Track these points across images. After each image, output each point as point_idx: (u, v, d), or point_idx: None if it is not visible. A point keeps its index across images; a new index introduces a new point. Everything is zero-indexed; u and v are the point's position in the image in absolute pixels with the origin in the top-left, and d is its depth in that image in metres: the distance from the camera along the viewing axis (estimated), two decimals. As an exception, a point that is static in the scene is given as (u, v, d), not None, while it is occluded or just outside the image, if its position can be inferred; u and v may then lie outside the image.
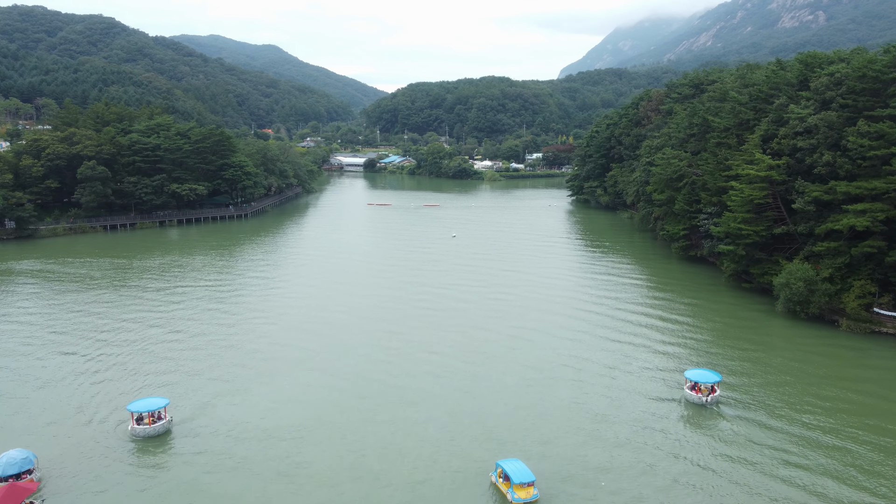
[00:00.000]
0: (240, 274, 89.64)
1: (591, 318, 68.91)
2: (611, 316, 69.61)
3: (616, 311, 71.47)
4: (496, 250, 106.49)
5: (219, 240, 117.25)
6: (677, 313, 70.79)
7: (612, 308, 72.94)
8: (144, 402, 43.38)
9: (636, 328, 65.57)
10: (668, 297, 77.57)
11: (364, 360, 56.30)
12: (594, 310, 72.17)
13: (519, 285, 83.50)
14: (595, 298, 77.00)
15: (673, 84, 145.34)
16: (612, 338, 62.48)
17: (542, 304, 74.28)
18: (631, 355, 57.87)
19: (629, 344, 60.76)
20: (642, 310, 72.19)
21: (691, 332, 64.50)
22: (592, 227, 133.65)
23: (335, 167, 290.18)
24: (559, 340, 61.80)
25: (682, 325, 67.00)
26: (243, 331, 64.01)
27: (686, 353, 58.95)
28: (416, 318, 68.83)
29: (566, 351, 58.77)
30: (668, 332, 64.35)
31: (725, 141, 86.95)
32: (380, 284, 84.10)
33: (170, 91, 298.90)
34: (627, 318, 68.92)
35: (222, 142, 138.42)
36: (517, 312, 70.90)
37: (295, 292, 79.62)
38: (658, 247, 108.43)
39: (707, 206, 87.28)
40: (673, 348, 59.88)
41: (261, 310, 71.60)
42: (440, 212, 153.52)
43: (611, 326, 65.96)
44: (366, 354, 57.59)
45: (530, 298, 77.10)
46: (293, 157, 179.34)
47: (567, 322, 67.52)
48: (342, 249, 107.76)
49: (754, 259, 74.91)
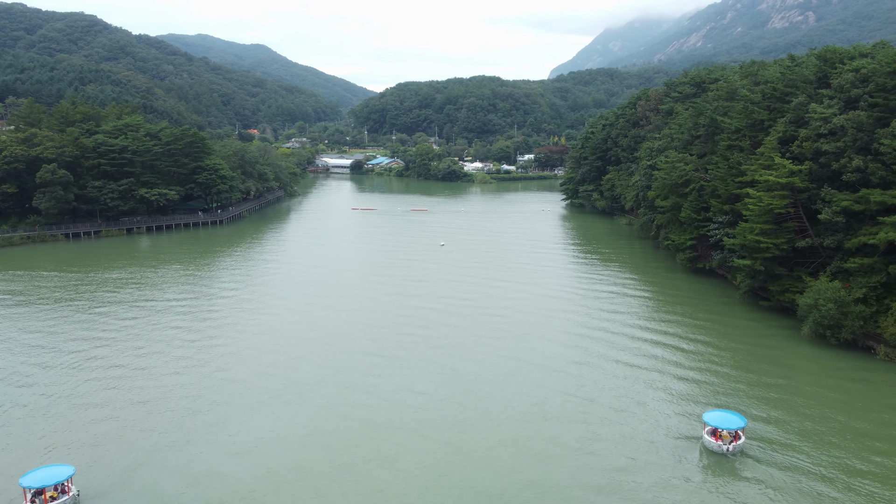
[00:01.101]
0: (207, 288, 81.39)
1: (596, 341, 61.34)
2: (616, 337, 62.04)
3: (621, 332, 63.93)
4: (488, 260, 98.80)
5: (189, 249, 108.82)
6: (690, 335, 63.34)
7: (616, 328, 65.40)
8: (43, 472, 34.49)
9: (645, 353, 58.04)
10: (678, 316, 70.14)
11: (336, 402, 48.26)
12: (598, 329, 64.60)
13: (514, 300, 75.91)
14: (597, 316, 69.45)
15: (672, 83, 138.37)
16: (621, 366, 54.91)
17: (540, 324, 66.64)
18: (642, 389, 50.32)
19: (640, 371, 53.22)
20: (650, 330, 64.68)
21: (707, 359, 57.05)
22: (589, 234, 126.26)
23: (321, 169, 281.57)
24: (562, 371, 54.17)
25: (696, 349, 59.55)
26: (199, 362, 55.85)
27: (703, 385, 51.52)
28: (401, 343, 60.96)
29: (571, 384, 51.08)
30: (681, 359, 56.86)
31: (737, 143, 79.70)
32: (362, 301, 76.18)
33: (149, 90, 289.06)
34: (634, 341, 61.41)
35: (195, 143, 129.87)
36: (513, 334, 63.20)
37: (268, 311, 71.51)
38: (661, 256, 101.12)
39: (718, 214, 79.97)
40: (688, 379, 52.36)
41: (226, 334, 63.43)
42: (428, 217, 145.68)
43: (617, 351, 58.38)
44: (339, 395, 49.55)
45: (527, 316, 69.48)
46: (274, 158, 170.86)
47: (570, 345, 59.90)
48: (323, 260, 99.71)
49: (773, 275, 67.62)
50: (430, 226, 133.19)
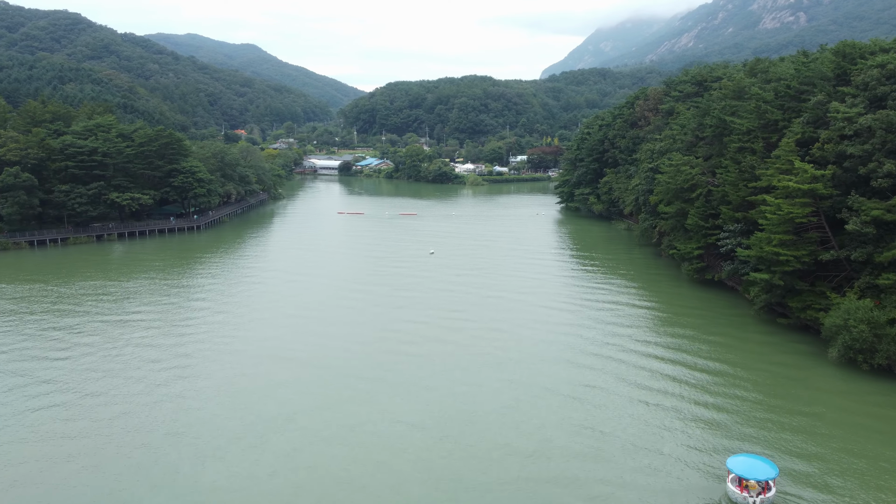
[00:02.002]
0: (178, 301, 74.69)
1: (601, 361, 55.42)
2: (624, 357, 56.07)
3: (629, 351, 58.03)
4: (481, 269, 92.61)
5: (162, 257, 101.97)
6: (703, 355, 57.43)
7: (623, 347, 59.45)
8: None
9: (657, 377, 52.10)
10: (688, 333, 64.23)
11: (306, 446, 41.86)
12: (603, 347, 58.70)
13: (510, 313, 69.88)
14: (601, 332, 63.42)
15: (672, 81, 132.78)
16: (631, 391, 48.94)
17: (540, 341, 60.62)
18: (656, 420, 44.40)
19: (653, 398, 47.28)
20: (660, 349, 58.77)
21: (726, 385, 51.15)
22: (586, 240, 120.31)
23: (308, 170, 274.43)
24: (568, 397, 48.23)
25: (712, 372, 53.64)
26: (155, 391, 49.27)
27: (725, 413, 45.83)
28: (387, 364, 54.74)
29: (578, 422, 44.86)
30: (697, 384, 50.94)
31: (749, 145, 73.93)
32: (346, 315, 69.89)
33: (132, 89, 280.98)
34: (643, 361, 55.59)
35: (171, 144, 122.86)
36: (511, 353, 57.07)
37: (243, 327, 65.00)
38: (664, 265, 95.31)
39: (728, 222, 74.18)
40: (708, 407, 46.50)
41: (192, 354, 56.93)
42: (417, 222, 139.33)
43: (626, 374, 52.40)
44: (311, 435, 43.14)
45: (525, 332, 63.49)
46: (257, 160, 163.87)
47: (573, 366, 53.91)
48: (306, 269, 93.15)
49: (793, 290, 61.83)
50: (420, 231, 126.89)
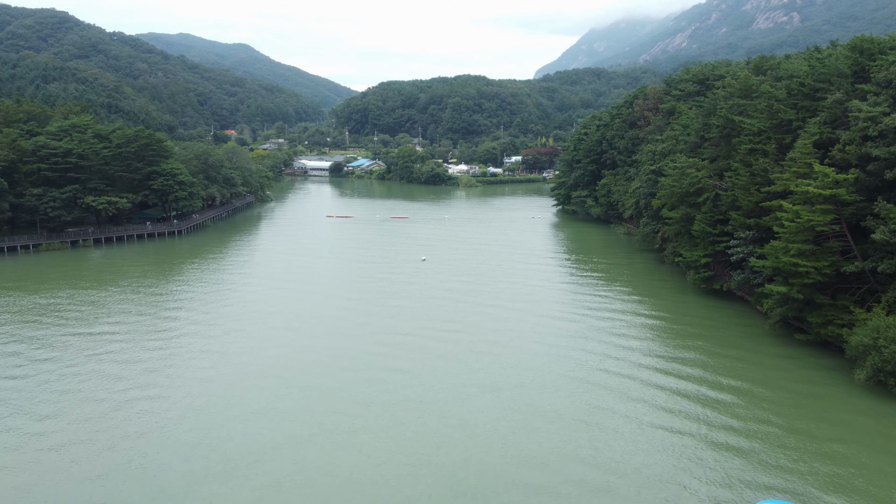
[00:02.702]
0: (151, 314, 69.33)
1: (610, 382, 50.56)
2: (630, 378, 51.18)
3: (639, 369, 53.21)
4: (475, 277, 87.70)
5: (138, 264, 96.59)
6: (716, 376, 52.62)
7: (632, 364, 54.68)
8: None
9: (671, 399, 47.31)
10: (699, 349, 59.45)
11: (270, 500, 36.90)
12: (608, 365, 53.79)
13: (506, 327, 64.94)
14: (605, 350, 58.50)
15: (672, 80, 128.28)
16: (641, 419, 44.09)
17: (541, 359, 55.66)
18: (677, 452, 39.53)
19: (670, 431, 42.41)
20: (669, 368, 53.91)
21: (744, 411, 46.33)
22: (585, 245, 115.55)
23: (298, 172, 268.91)
24: (575, 430, 43.23)
25: (727, 396, 48.81)
26: (112, 423, 44.09)
27: (751, 445, 40.96)
28: (371, 392, 49.62)
29: (587, 450, 40.00)
30: (712, 410, 46.07)
31: (761, 147, 69.28)
32: (329, 330, 64.80)
33: (117, 88, 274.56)
34: (655, 382, 50.77)
35: (151, 146, 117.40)
36: (509, 376, 52.01)
37: (217, 345, 59.69)
38: (667, 272, 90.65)
39: (739, 229, 69.52)
40: (731, 437, 41.61)
41: (160, 371, 51.75)
42: (409, 226, 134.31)
43: (635, 399, 47.50)
44: (273, 491, 38.15)
45: (525, 348, 58.57)
46: (243, 161, 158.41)
47: (580, 388, 49.01)
48: (290, 278, 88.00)
49: (813, 303, 57.19)
50: (411, 236, 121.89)
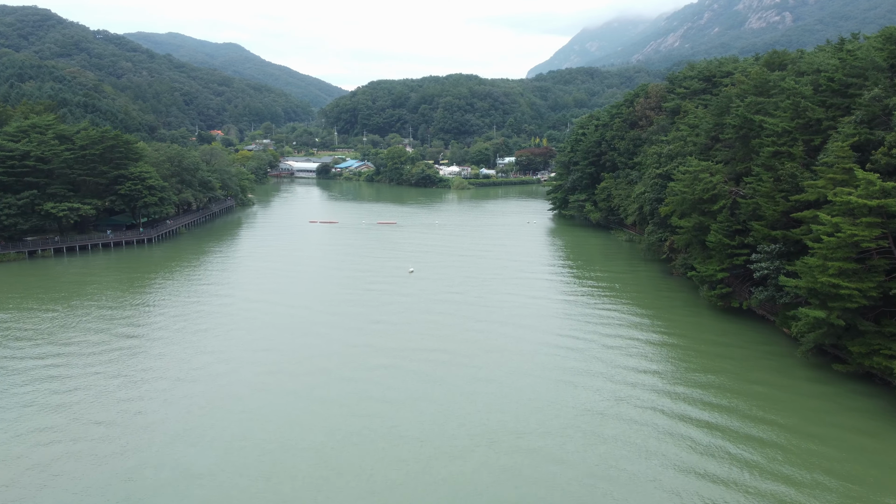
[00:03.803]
0: (102, 337, 61.14)
1: (626, 432, 42.90)
2: (653, 423, 43.52)
3: (659, 415, 45.47)
4: (467, 291, 79.98)
5: (100, 277, 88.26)
6: (751, 418, 45.13)
7: (649, 405, 47.09)
8: None
9: (700, 451, 39.76)
10: (723, 382, 51.90)
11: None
12: (624, 412, 45.99)
13: (503, 357, 57.11)
14: (618, 383, 50.80)
15: (676, 77, 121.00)
16: (675, 481, 36.37)
17: (543, 400, 47.91)
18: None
19: (708, 498, 35.05)
20: (695, 409, 46.37)
21: (794, 462, 38.98)
22: (585, 254, 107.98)
23: (284, 173, 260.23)
24: (593, 498, 35.80)
25: (770, 443, 41.38)
26: (31, 482, 36.16)
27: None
28: (348, 443, 41.84)
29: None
30: (756, 463, 38.57)
31: (786, 149, 61.96)
32: (307, 355, 57.07)
33: (97, 87, 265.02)
34: (680, 430, 43.28)
35: (118, 147, 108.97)
36: (509, 423, 44.30)
37: (169, 373, 51.75)
38: (676, 286, 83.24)
39: (763, 242, 62.17)
40: (784, 494, 34.33)
41: (89, 409, 43.76)
42: (397, 233, 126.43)
43: (664, 451, 39.83)
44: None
45: (524, 386, 50.76)
46: (222, 163, 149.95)
47: (593, 440, 41.28)
48: (267, 292, 79.96)
49: (854, 329, 49.88)
50: (399, 244, 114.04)
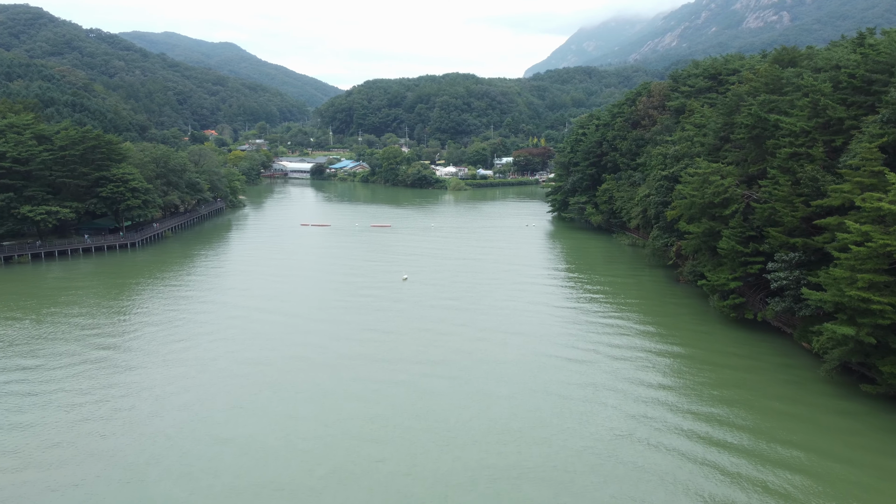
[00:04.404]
0: (72, 348, 56.68)
1: (644, 458, 38.61)
2: (673, 447, 39.24)
3: (677, 436, 41.28)
4: (464, 300, 75.73)
5: (78, 283, 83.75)
6: (778, 442, 40.94)
7: (665, 425, 43.01)
8: None
9: (726, 484, 35.55)
10: (741, 400, 47.74)
11: None
12: (639, 434, 41.77)
13: (504, 371, 52.82)
14: (629, 400, 46.58)
15: (679, 75, 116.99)
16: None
17: (552, 425, 43.50)
18: None
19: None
20: (716, 431, 42.16)
21: (822, 488, 34.89)
22: (586, 259, 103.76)
23: (277, 174, 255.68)
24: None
25: (793, 468, 37.24)
26: None
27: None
28: (336, 471, 37.55)
29: None
30: (780, 485, 34.65)
31: (805, 150, 57.85)
32: (290, 377, 52.41)
33: (87, 87, 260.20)
34: (703, 456, 39.01)
35: (99, 148, 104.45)
36: (510, 458, 39.89)
37: (133, 397, 47.35)
38: (683, 293, 79.12)
39: (781, 250, 58.06)
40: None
41: (69, 434, 39.42)
42: (391, 236, 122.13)
43: (685, 480, 35.58)
44: None
45: (530, 407, 46.41)
46: (211, 164, 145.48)
47: (607, 479, 36.99)
48: (252, 300, 75.63)
49: (886, 348, 45.76)
50: (393, 248, 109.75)
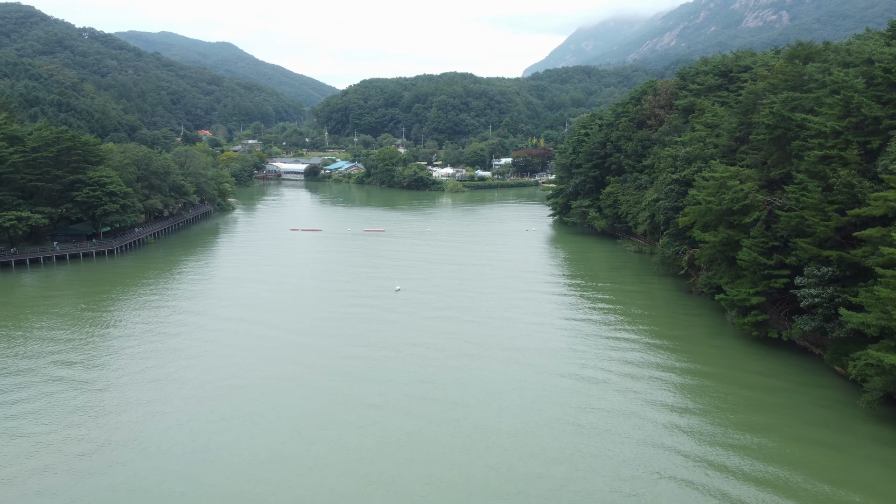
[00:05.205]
0: (34, 365, 50.96)
1: (665, 494, 33.23)
2: (702, 485, 33.95)
3: (704, 470, 35.65)
4: (461, 313, 70.10)
5: (50, 292, 78.08)
6: (813, 480, 35.55)
7: (689, 458, 37.32)
8: None
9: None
10: (773, 431, 42.31)
11: None
12: (665, 468, 36.23)
13: (507, 400, 47.14)
14: (647, 431, 40.96)
15: (688, 72, 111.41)
16: None
17: (566, 462, 37.88)
18: None
19: None
20: (749, 466, 36.59)
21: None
22: (590, 267, 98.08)
23: (271, 175, 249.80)
24: None
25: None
26: None
27: None
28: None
29: None
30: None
31: (838, 153, 52.34)
32: (267, 404, 46.70)
33: (75, 86, 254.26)
34: (730, 481, 33.63)
35: (75, 150, 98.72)
36: (518, 500, 34.62)
37: (102, 420, 41.66)
38: (695, 305, 73.56)
39: (811, 263, 52.55)
40: None
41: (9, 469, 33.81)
42: (384, 242, 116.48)
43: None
44: None
45: (535, 445, 40.69)
46: (198, 166, 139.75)
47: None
48: (232, 312, 70.08)
49: (939, 379, 40.31)
50: (386, 254, 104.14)
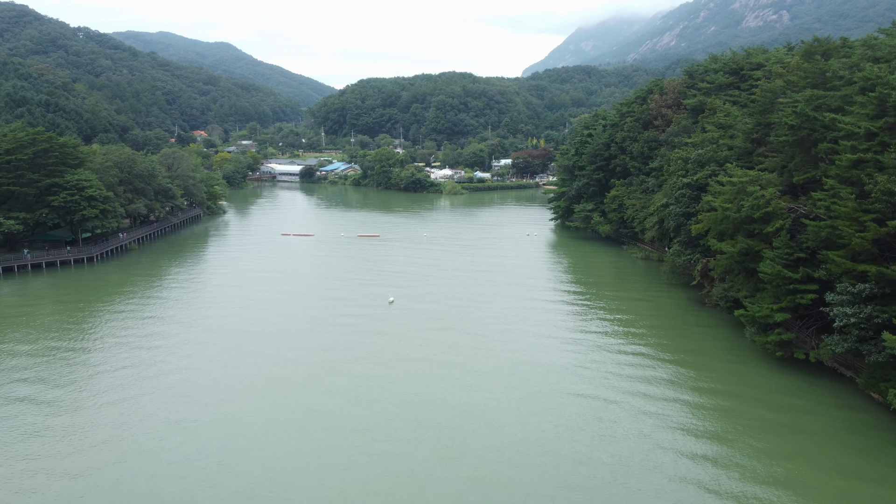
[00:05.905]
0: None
1: None
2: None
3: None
4: (459, 327, 65.11)
5: (20, 302, 73.00)
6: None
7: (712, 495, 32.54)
8: None
9: None
10: (802, 467, 37.50)
11: None
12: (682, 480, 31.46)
13: (510, 434, 42.05)
14: (666, 476, 36.03)
15: (695, 70, 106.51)
16: None
17: (570, 487, 33.22)
18: None
19: None
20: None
21: None
22: (595, 275, 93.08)
23: (265, 177, 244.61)
24: None
25: None
26: None
27: None
28: None
29: None
30: None
31: (874, 157, 47.41)
32: (245, 438, 41.63)
33: (66, 85, 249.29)
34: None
35: (51, 152, 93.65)
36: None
37: (51, 460, 36.64)
38: (709, 319, 68.59)
39: (843, 278, 47.61)
40: None
41: None
42: (379, 247, 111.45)
43: None
44: None
45: (540, 482, 36.03)
46: (186, 168, 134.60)
47: None
48: (213, 328, 64.98)
49: None
50: (380, 261, 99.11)
